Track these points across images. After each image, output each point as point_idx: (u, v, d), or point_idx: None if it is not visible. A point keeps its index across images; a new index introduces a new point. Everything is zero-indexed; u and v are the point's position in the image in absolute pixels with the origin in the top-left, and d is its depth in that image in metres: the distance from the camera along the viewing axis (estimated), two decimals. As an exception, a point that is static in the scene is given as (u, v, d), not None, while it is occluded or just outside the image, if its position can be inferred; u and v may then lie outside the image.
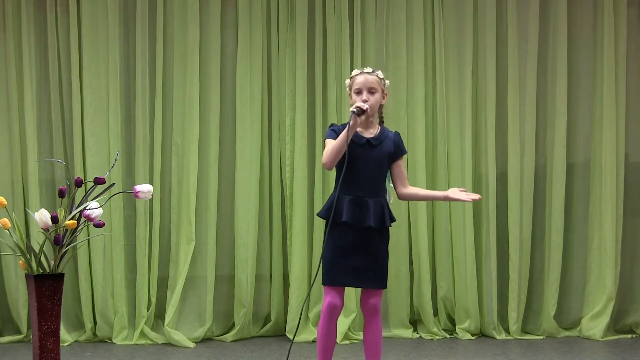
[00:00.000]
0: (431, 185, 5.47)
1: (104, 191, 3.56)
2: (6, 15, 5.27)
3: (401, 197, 3.73)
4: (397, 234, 5.44)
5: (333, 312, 3.59)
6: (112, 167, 3.95)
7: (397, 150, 3.69)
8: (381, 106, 3.71)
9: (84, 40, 5.30)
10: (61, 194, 3.45)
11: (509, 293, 5.44)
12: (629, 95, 5.57)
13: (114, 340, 5.24)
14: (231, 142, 5.42)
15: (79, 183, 3.48)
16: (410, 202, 5.44)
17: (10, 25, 5.27)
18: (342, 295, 3.62)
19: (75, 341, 5.25)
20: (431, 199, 3.76)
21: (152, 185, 4.77)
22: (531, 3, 5.51)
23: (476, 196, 3.60)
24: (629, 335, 5.47)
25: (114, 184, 3.67)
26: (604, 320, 5.39)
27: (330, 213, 3.55)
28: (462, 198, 3.58)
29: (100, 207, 3.46)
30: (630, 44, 5.57)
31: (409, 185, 3.74)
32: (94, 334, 5.31)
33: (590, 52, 5.58)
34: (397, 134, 3.73)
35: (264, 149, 5.44)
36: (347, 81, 3.72)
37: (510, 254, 5.44)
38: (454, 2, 5.51)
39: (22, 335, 5.23)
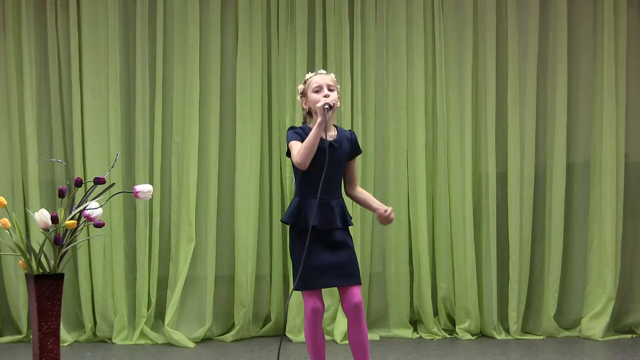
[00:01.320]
0: (431, 186, 5.48)
1: (104, 191, 3.56)
2: (6, 15, 5.27)
3: (348, 196, 3.73)
4: (397, 234, 5.44)
5: (317, 316, 3.56)
6: (112, 167, 3.95)
7: (355, 149, 3.70)
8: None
9: (84, 40, 5.30)
10: (61, 194, 3.45)
11: (509, 293, 5.44)
12: (629, 95, 5.57)
13: (114, 340, 5.24)
14: (231, 142, 5.42)
15: (79, 183, 3.47)
16: (410, 202, 5.45)
17: (10, 25, 5.27)
18: (321, 297, 3.59)
19: (75, 341, 5.25)
20: (368, 207, 3.73)
21: (152, 185, 4.76)
22: (531, 3, 5.50)
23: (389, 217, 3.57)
24: (629, 335, 5.46)
25: (114, 184, 3.67)
26: (604, 320, 5.39)
27: (295, 219, 3.55)
28: (383, 222, 3.59)
29: (100, 207, 3.46)
30: (630, 44, 5.57)
31: (357, 185, 3.73)
32: (94, 334, 5.31)
33: (590, 52, 5.58)
34: (352, 133, 3.74)
35: (264, 149, 5.44)
36: (300, 86, 3.69)
37: (510, 254, 5.44)
38: (454, 1, 5.51)
39: (22, 335, 5.23)
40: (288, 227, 3.66)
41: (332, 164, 3.57)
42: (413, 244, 5.47)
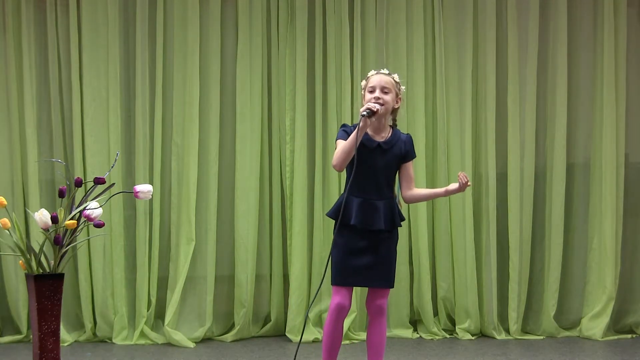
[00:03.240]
0: (431, 186, 5.47)
1: (104, 191, 3.56)
2: (6, 15, 5.27)
3: (405, 199, 3.72)
4: (398, 234, 5.43)
5: (341, 313, 3.58)
6: (112, 167, 3.95)
7: (407, 153, 3.67)
8: (395, 110, 3.68)
9: (84, 40, 5.30)
10: (61, 194, 3.45)
11: (509, 293, 5.44)
12: (629, 95, 5.57)
13: (114, 340, 5.23)
14: (231, 142, 5.42)
15: (79, 183, 3.47)
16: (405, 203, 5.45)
17: (10, 25, 5.26)
18: (350, 296, 3.61)
19: (75, 341, 5.25)
20: (434, 197, 3.75)
21: (152, 185, 4.76)
22: (531, 3, 5.50)
23: (467, 183, 3.53)
24: (629, 335, 5.47)
25: (114, 184, 3.67)
26: (604, 320, 5.39)
27: (337, 214, 3.55)
28: (459, 189, 3.54)
29: (100, 207, 3.46)
30: (630, 44, 5.57)
31: (414, 187, 3.71)
32: (94, 334, 5.31)
33: (590, 52, 5.58)
34: (408, 137, 3.72)
35: (264, 149, 5.44)
36: (363, 82, 3.71)
37: (510, 254, 5.44)
38: (454, 2, 5.51)
39: (22, 335, 5.23)
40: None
41: (379, 165, 3.57)
42: (413, 244, 5.47)
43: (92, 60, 5.30)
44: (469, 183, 3.51)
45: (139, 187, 3.55)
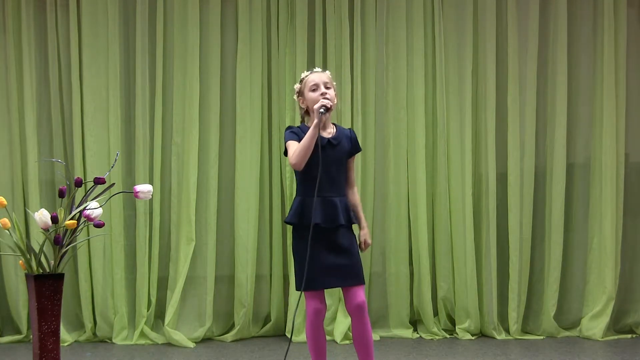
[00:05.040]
0: (431, 186, 5.48)
1: (104, 191, 3.56)
2: (6, 16, 5.27)
3: None
4: (397, 234, 5.44)
5: (319, 316, 3.58)
6: (112, 167, 3.95)
7: (354, 147, 3.72)
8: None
9: (84, 40, 5.30)
10: (61, 194, 3.44)
11: (509, 293, 5.44)
12: (629, 95, 5.57)
13: (114, 340, 5.24)
14: (231, 142, 5.42)
15: (79, 183, 3.47)
16: (410, 202, 5.45)
17: (10, 25, 5.27)
18: (324, 298, 3.61)
19: (75, 341, 5.25)
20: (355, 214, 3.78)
21: (152, 185, 4.76)
22: (531, 3, 5.50)
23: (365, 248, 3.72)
24: (629, 335, 5.46)
25: (114, 184, 3.67)
26: (604, 320, 5.39)
27: (298, 218, 3.56)
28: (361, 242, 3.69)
29: (100, 207, 3.46)
30: (630, 44, 5.57)
31: (354, 185, 3.74)
32: (94, 334, 5.31)
33: (590, 52, 5.58)
34: (352, 131, 3.78)
35: (264, 148, 5.44)
36: (297, 85, 3.73)
37: (510, 254, 5.44)
38: (454, 2, 5.51)
39: (22, 335, 5.23)
40: (291, 227, 3.67)
41: (331, 161, 3.59)
42: (413, 244, 5.47)
43: (92, 60, 5.31)
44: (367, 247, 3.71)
45: (139, 187, 3.55)
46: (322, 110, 3.52)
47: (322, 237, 3.55)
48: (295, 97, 3.74)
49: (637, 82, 5.63)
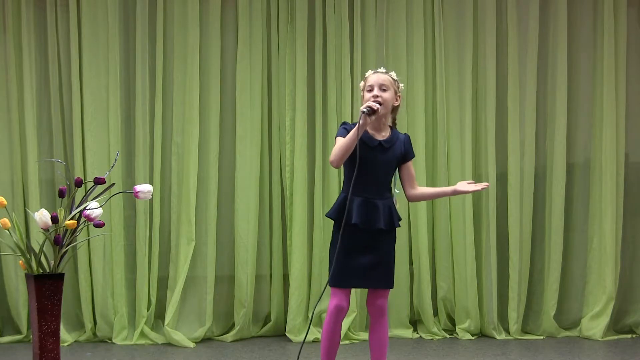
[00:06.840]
0: (431, 185, 5.47)
1: (104, 191, 3.56)
2: (6, 16, 5.27)
3: (410, 198, 3.74)
4: (397, 233, 5.43)
5: (340, 314, 3.58)
6: (112, 167, 3.95)
7: (407, 152, 3.69)
8: (395, 109, 3.69)
9: (84, 40, 5.30)
10: (61, 194, 3.44)
11: (509, 293, 5.44)
12: (629, 95, 5.57)
13: (114, 340, 5.24)
14: (231, 142, 5.42)
15: (79, 183, 3.47)
16: (409, 202, 5.44)
17: (10, 25, 5.26)
18: (348, 297, 3.61)
19: (75, 341, 5.25)
20: (440, 196, 3.79)
21: (152, 185, 4.76)
22: (531, 3, 5.51)
23: (484, 184, 3.62)
24: (629, 335, 5.47)
25: (114, 184, 3.67)
26: (604, 320, 5.39)
27: (339, 214, 3.55)
28: (470, 189, 3.60)
29: (100, 207, 3.46)
30: (630, 44, 5.57)
31: (417, 186, 3.73)
32: (94, 334, 5.31)
33: (590, 52, 5.58)
34: (407, 136, 3.73)
35: (264, 148, 5.44)
36: (361, 84, 3.72)
37: (510, 254, 5.44)
38: (454, 2, 5.51)
39: (22, 335, 5.23)
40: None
41: (379, 164, 3.58)
42: (413, 244, 5.47)
43: (92, 60, 5.30)
44: (484, 186, 3.59)
45: (139, 187, 3.55)
46: (364, 110, 3.48)
47: (360, 238, 3.55)
48: (361, 94, 3.72)
49: (637, 82, 5.63)
